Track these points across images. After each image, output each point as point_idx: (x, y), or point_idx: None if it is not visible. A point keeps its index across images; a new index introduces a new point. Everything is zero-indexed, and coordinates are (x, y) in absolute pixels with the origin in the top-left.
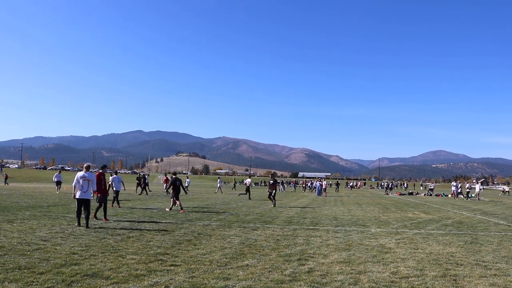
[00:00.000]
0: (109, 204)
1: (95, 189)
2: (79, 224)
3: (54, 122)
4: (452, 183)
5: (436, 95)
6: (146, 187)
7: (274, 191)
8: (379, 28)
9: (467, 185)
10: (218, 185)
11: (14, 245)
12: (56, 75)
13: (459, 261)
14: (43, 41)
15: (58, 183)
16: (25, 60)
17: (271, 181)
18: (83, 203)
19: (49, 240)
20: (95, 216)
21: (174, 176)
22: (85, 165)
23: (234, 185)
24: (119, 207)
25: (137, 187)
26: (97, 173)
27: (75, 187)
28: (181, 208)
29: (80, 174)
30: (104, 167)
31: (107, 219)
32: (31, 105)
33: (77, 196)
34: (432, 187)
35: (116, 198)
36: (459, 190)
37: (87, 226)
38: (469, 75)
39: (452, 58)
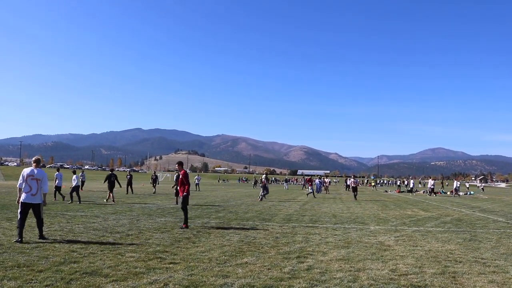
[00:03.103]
0: (53, 198)
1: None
2: (20, 239)
3: (53, 120)
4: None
5: (435, 92)
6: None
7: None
8: (378, 26)
9: (432, 182)
10: (196, 182)
11: (13, 243)
12: (55, 73)
13: (458, 258)
14: (42, 40)
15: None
16: (24, 58)
17: (178, 177)
18: (30, 209)
19: (48, 237)
20: (186, 226)
21: (110, 172)
22: (34, 159)
23: (255, 183)
24: (56, 200)
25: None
26: (182, 171)
27: (20, 189)
28: (113, 200)
29: (27, 171)
30: (181, 163)
31: (186, 226)
32: (30, 103)
33: (22, 200)
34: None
35: (58, 192)
36: (411, 186)
37: (41, 236)
38: (468, 72)
39: (450, 56)
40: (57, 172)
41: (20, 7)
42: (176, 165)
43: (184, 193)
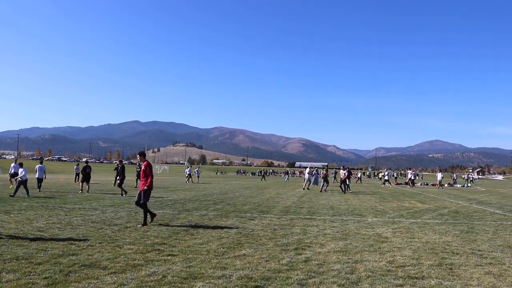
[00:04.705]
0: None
1: None
2: None
3: (51, 113)
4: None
5: (433, 85)
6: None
7: (122, 179)
8: (375, 18)
9: (410, 172)
10: (197, 174)
11: (11, 236)
12: (52, 66)
13: (455, 250)
14: (40, 34)
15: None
16: (22, 52)
17: (119, 167)
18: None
19: (46, 230)
20: (145, 224)
21: (85, 164)
22: None
23: (263, 175)
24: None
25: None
26: (145, 163)
27: None
28: (88, 191)
29: None
30: (143, 154)
31: (145, 223)
32: (27, 96)
33: None
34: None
35: (39, 185)
36: (386, 178)
37: None
38: (466, 65)
39: (448, 48)
40: (39, 165)
41: (18, 2)
42: (138, 156)
43: (145, 187)
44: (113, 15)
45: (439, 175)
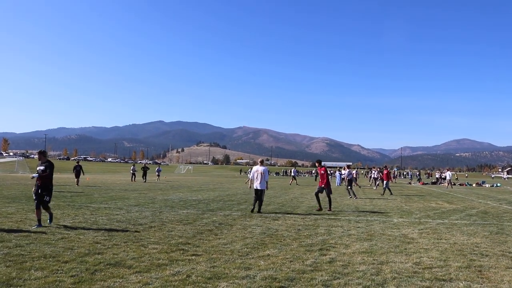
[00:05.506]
0: None
1: None
2: None
3: (77, 114)
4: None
5: (460, 82)
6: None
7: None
8: (400, 13)
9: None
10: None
11: (39, 234)
12: (79, 67)
13: (484, 251)
14: (67, 31)
15: None
16: (50, 52)
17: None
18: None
19: (73, 229)
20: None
21: (76, 163)
22: None
23: (294, 177)
24: None
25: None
26: (323, 168)
27: None
28: (77, 184)
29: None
30: (319, 161)
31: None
32: (54, 97)
33: None
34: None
35: None
36: (342, 177)
37: None
38: (493, 62)
39: (475, 46)
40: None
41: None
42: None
43: (323, 185)
44: (139, 13)
45: (448, 174)
